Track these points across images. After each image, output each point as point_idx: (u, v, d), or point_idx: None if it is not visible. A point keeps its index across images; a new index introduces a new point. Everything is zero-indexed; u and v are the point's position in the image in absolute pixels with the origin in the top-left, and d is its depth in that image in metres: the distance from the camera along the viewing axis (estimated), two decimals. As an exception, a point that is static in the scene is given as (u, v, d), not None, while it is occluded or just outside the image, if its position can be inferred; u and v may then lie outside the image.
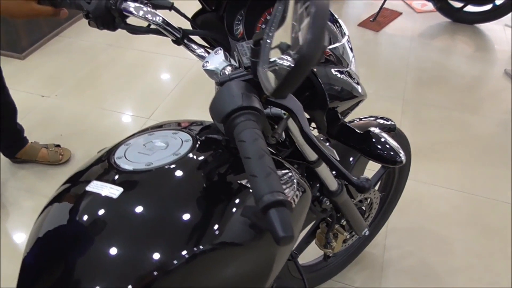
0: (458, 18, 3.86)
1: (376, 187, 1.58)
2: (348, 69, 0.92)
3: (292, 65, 0.45)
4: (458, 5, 3.77)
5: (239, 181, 0.73)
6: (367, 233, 1.46)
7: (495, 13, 3.69)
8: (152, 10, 0.92)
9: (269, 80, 0.55)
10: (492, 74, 3.26)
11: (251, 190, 0.66)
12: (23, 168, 2.28)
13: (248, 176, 0.53)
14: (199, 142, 0.78)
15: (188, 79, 2.99)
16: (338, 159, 1.19)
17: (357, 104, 0.98)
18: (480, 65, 3.37)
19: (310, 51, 0.43)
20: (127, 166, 0.72)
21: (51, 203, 0.75)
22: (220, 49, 0.93)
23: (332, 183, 1.12)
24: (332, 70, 0.86)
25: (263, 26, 0.96)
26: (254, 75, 0.63)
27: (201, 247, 0.64)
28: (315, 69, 0.80)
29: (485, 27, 3.83)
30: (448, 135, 2.58)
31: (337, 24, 0.94)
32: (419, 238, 1.96)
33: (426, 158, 2.40)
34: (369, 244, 1.84)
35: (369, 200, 1.53)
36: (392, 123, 1.35)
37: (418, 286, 1.76)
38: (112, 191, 0.67)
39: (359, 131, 0.95)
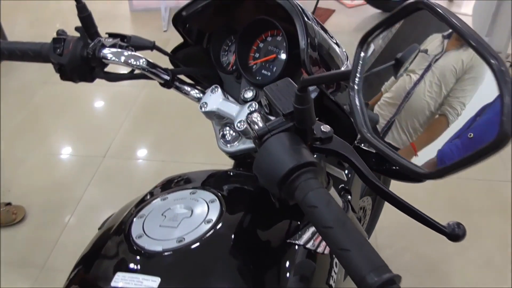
0: (388, 7, 3.98)
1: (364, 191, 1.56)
2: None
3: (483, 145, 0.35)
4: (386, -5, 3.90)
5: (287, 240, 0.64)
6: None
7: (421, -1, 3.86)
8: (134, 53, 0.82)
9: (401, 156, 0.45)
10: (431, 57, 3.39)
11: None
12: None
13: (334, 250, 0.45)
14: (225, 200, 0.68)
15: (138, 107, 2.83)
16: (345, 179, 1.14)
17: None
18: (418, 50, 3.50)
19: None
20: (154, 246, 0.61)
21: None
22: (217, 87, 0.84)
23: (340, 203, 1.07)
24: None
25: (257, 55, 0.89)
26: (298, 122, 0.55)
27: None
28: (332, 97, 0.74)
29: (413, 13, 3.99)
30: (408, 124, 2.64)
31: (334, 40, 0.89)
32: (408, 232, 1.97)
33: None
34: (363, 248, 1.82)
35: (363, 208, 1.50)
36: None
37: (420, 280, 1.77)
38: (147, 283, 0.57)
39: (373, 150, 0.89)
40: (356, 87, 0.38)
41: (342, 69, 0.81)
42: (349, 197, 1.18)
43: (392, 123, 0.54)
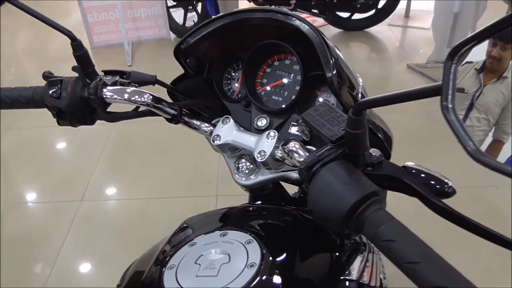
0: (348, 26, 4.11)
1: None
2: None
3: None
4: (346, 15, 4.02)
5: (341, 277, 0.59)
6: None
7: (379, 16, 4.01)
8: (138, 89, 0.76)
9: None
10: (396, 71, 3.49)
11: None
12: None
13: None
14: (262, 240, 0.62)
15: (112, 145, 2.72)
16: None
17: None
18: (382, 65, 3.60)
19: None
20: None
21: None
22: (228, 118, 0.79)
23: None
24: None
25: (264, 81, 0.85)
26: (349, 148, 0.51)
27: None
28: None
29: (373, 30, 4.12)
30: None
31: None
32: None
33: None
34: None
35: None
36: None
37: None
38: None
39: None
40: (450, 105, 0.34)
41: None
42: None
43: None
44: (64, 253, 1.99)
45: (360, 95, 0.76)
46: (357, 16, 4.01)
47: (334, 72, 0.66)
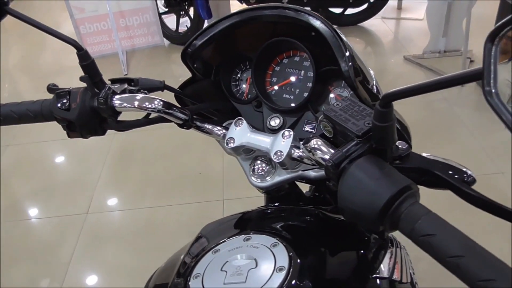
0: (342, 22, 4.10)
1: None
2: None
3: None
4: (339, 10, 4.01)
5: (372, 275, 0.58)
6: None
7: (372, 10, 4.00)
8: (149, 96, 0.74)
9: None
10: (393, 63, 3.48)
11: None
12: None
13: (472, 283, 0.39)
14: (287, 242, 0.61)
15: (113, 155, 2.69)
16: None
17: None
18: (378, 58, 3.59)
19: None
20: None
21: None
22: (241, 120, 0.78)
23: None
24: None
25: (274, 79, 0.83)
26: (376, 142, 0.50)
27: None
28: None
29: (367, 24, 4.12)
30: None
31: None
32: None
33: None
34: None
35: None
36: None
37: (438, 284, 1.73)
38: None
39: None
40: (493, 89, 0.33)
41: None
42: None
43: None
44: (73, 268, 1.97)
45: (375, 88, 0.75)
46: (350, 11, 4.01)
47: (350, 65, 0.64)
